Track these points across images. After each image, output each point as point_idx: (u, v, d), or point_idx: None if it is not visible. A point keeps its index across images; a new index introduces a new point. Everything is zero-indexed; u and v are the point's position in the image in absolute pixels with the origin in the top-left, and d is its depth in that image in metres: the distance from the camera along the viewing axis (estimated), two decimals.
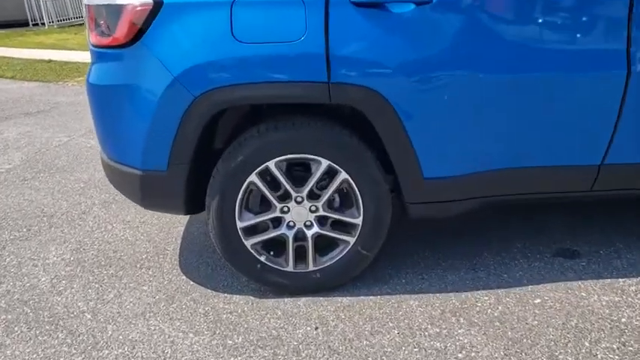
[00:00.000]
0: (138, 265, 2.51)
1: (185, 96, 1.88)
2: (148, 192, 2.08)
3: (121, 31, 1.88)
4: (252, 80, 1.87)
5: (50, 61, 8.87)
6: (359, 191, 2.07)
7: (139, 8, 1.84)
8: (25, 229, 2.94)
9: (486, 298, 2.16)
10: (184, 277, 2.40)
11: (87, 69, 2.16)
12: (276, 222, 2.15)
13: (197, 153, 2.00)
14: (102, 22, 1.94)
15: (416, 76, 1.90)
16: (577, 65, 1.93)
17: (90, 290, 2.32)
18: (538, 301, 2.13)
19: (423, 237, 2.63)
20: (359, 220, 2.12)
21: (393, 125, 1.95)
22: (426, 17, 1.86)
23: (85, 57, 9.91)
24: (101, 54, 1.99)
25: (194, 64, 1.85)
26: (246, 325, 2.04)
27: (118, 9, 1.87)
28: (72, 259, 2.60)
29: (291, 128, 2.00)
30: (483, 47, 1.88)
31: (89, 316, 2.13)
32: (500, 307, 2.09)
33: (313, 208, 2.11)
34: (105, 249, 2.69)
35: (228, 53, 1.84)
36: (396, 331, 1.97)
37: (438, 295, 2.19)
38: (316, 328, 2.01)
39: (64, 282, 2.39)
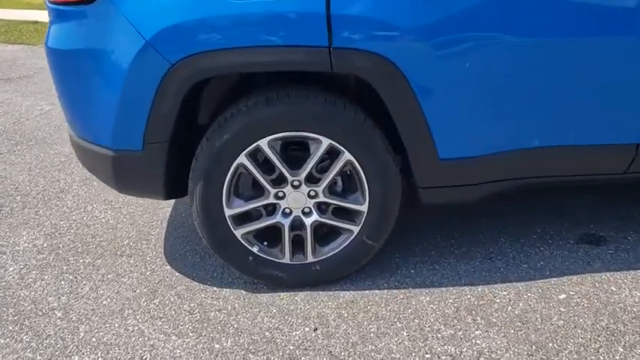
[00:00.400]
0: (118, 253, 2.27)
1: (160, 63, 1.59)
2: (122, 174, 1.82)
3: None
4: (239, 44, 1.58)
5: (36, 22, 8.41)
6: (364, 174, 1.81)
7: None
8: None
9: (505, 292, 1.93)
10: (169, 267, 2.16)
11: None
12: (270, 209, 1.89)
13: (177, 130, 1.73)
14: None
15: (433, 39, 1.62)
16: (615, 28, 1.65)
17: (63, 282, 2.08)
18: (563, 296, 1.90)
19: (433, 220, 2.39)
20: (364, 207, 1.86)
21: (405, 98, 1.68)
22: None
23: None
24: (60, 12, 1.69)
25: (170, 25, 1.56)
26: (236, 326, 1.81)
27: None
28: (45, 245, 2.36)
29: (286, 102, 1.72)
30: (514, 5, 1.59)
31: (59, 314, 1.90)
32: (521, 304, 1.86)
33: (312, 194, 1.85)
34: (83, 233, 2.44)
35: (211, 12, 1.56)
36: (405, 333, 1.75)
37: (451, 289, 1.96)
38: (315, 329, 1.78)
39: (34, 273, 2.15)
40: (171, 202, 2.66)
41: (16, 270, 2.18)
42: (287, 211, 1.88)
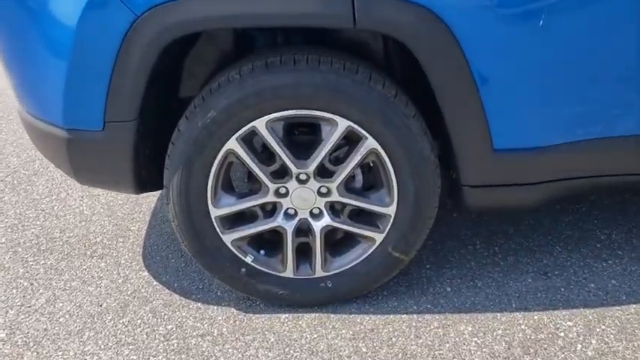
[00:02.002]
0: (88, 253, 1.87)
1: (121, 14, 1.17)
2: (79, 161, 1.41)
3: None
4: None
5: None
6: (393, 167, 1.37)
7: None
8: None
9: (571, 323, 1.50)
10: (146, 273, 1.76)
11: None
12: (269, 209, 1.47)
13: (148, 105, 1.31)
14: None
15: None
16: None
17: (15, 291, 1.69)
18: None
19: (468, 220, 1.94)
20: (391, 209, 1.43)
21: (455, 66, 1.24)
22: None
23: None
24: None
25: None
26: (222, 359, 1.41)
27: None
28: (4, 240, 1.96)
29: (292, 69, 1.28)
30: None
31: (2, 336, 1.51)
32: (594, 342, 1.43)
33: (324, 190, 1.42)
34: (50, 226, 2.04)
35: None
36: None
37: (499, 315, 1.53)
38: None
39: None
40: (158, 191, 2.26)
41: None
42: (291, 212, 1.46)
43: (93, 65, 1.23)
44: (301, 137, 1.42)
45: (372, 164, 1.44)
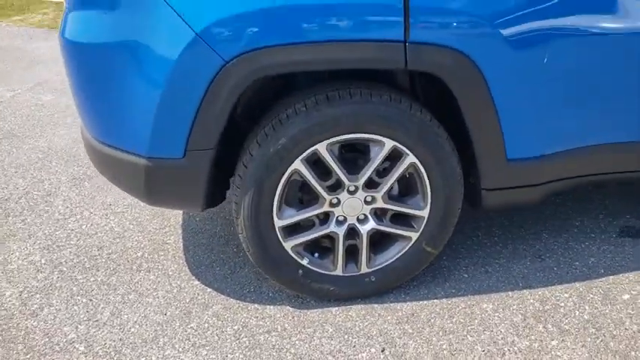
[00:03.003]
0: (134, 267, 2.02)
1: (213, 60, 1.36)
2: (156, 186, 1.58)
3: None
4: (307, 39, 1.37)
5: None
6: (428, 177, 1.65)
7: None
8: None
9: (567, 295, 1.84)
10: (197, 282, 1.93)
11: (28, 6, 1.54)
12: (323, 217, 1.71)
13: (224, 134, 1.50)
14: None
15: (512, 35, 1.46)
16: None
17: (76, 307, 1.82)
18: (627, 297, 1.83)
19: (468, 215, 2.26)
20: (425, 212, 1.71)
21: (481, 96, 1.53)
22: None
23: None
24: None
25: (226, 16, 1.33)
26: (293, 351, 1.63)
27: None
28: (43, 261, 2.06)
29: (350, 101, 1.52)
30: None
31: (82, 348, 1.65)
32: (587, 308, 1.78)
33: (369, 199, 1.68)
34: (86, 245, 2.15)
35: (272, 2, 1.32)
36: (480, 348, 1.63)
37: (510, 293, 1.85)
38: (383, 350, 1.62)
39: (38, 297, 1.87)
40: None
41: (15, 294, 1.88)
42: (340, 218, 1.70)
43: (183, 102, 1.41)
44: (349, 154, 1.66)
45: (407, 175, 1.70)
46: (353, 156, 1.67)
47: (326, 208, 1.66)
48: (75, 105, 1.69)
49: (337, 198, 1.66)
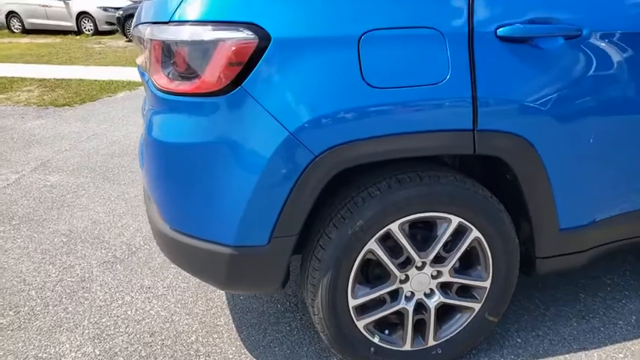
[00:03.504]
0: (192, 352, 2.00)
1: (303, 155, 1.45)
2: (238, 272, 1.61)
3: (213, 74, 1.41)
4: (388, 132, 1.49)
5: None
6: (490, 250, 1.75)
7: (240, 45, 1.38)
8: (11, 313, 2.28)
9: (621, 355, 1.93)
10: None
11: (11, 84, 1.61)
12: (392, 293, 1.77)
13: (307, 221, 1.58)
14: (181, 61, 1.44)
15: (564, 117, 1.62)
16: None
17: None
18: None
19: None
20: (487, 283, 1.79)
21: (538, 175, 1.67)
22: (576, 52, 1.58)
23: (15, 69, 8.62)
24: (177, 103, 1.49)
25: (316, 116, 1.43)
26: None
27: (210, 46, 1.39)
28: (97, 352, 2.02)
29: (419, 183, 1.63)
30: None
31: None
32: None
33: (435, 274, 1.76)
34: (136, 332, 2.13)
35: (359, 101, 1.45)
36: None
37: (567, 356, 1.92)
38: None
39: None
40: None
41: None
42: (408, 294, 1.76)
43: (274, 193, 1.48)
44: (416, 231, 1.75)
45: (469, 249, 1.79)
46: (416, 232, 1.76)
47: (397, 284, 1.73)
48: (149, 195, 1.74)
49: (406, 274, 1.73)
